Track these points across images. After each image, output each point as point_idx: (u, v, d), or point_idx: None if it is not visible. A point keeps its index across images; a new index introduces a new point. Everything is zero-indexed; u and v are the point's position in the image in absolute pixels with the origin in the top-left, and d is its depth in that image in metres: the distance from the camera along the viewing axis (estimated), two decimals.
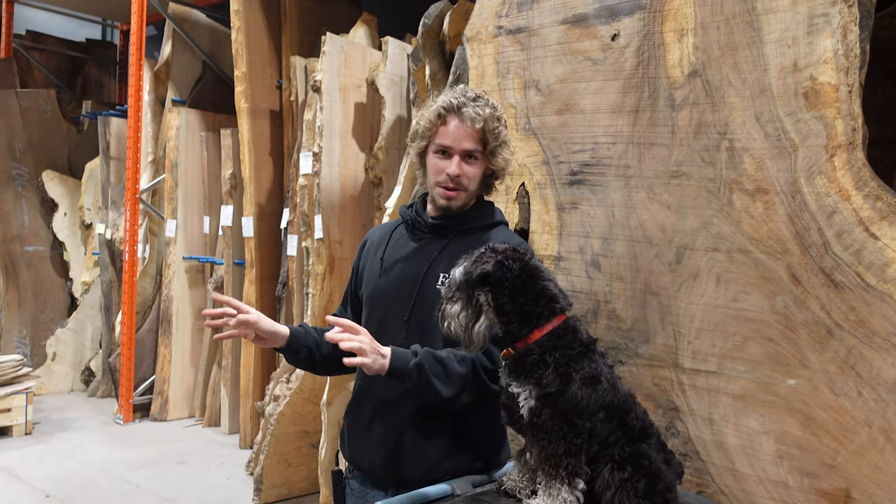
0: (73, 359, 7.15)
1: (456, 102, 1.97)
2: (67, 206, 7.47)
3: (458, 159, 1.97)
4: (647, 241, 2.22)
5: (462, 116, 1.96)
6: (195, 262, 6.23)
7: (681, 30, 2.17)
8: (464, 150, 1.97)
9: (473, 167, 1.99)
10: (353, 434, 2.05)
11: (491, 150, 1.98)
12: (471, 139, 1.96)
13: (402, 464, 1.94)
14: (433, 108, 1.99)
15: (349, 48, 4.58)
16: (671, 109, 2.18)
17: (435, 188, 2.01)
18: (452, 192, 1.98)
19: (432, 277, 1.94)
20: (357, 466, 2.05)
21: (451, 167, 1.96)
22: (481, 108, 1.96)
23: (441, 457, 1.95)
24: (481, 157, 1.99)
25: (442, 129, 1.98)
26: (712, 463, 2.06)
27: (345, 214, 4.49)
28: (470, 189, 2.01)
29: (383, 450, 1.96)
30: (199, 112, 6.30)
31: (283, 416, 4.49)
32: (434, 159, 2.01)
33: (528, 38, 2.53)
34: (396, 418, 1.96)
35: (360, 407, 2.04)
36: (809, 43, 1.93)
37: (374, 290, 2.05)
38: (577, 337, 1.69)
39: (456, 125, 1.97)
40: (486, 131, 1.96)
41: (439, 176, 1.98)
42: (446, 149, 1.98)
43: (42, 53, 8.36)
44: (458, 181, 1.97)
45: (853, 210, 1.84)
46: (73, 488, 4.56)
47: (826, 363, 1.87)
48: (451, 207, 2.01)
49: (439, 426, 1.95)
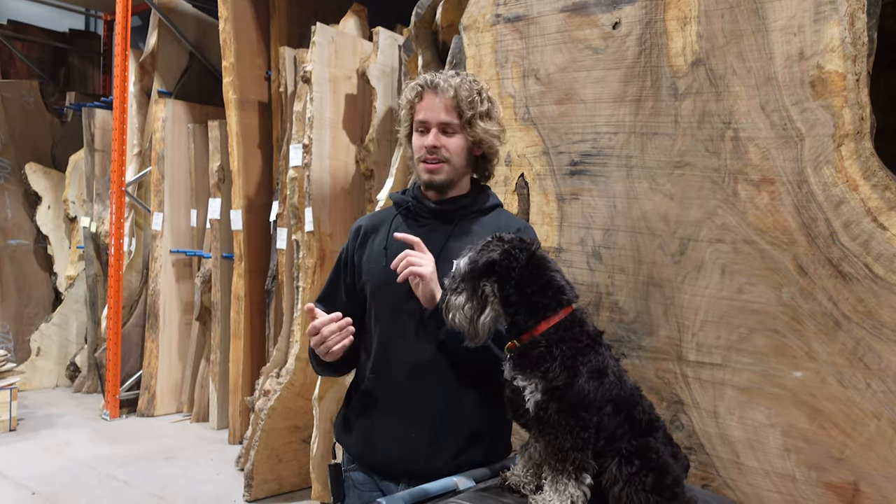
0: (58, 354, 7.05)
1: (430, 78, 1.98)
2: (51, 199, 7.36)
3: (436, 131, 1.96)
4: (649, 233, 2.19)
5: (436, 90, 1.96)
6: (182, 255, 6.15)
7: (684, 18, 2.14)
8: (440, 121, 1.95)
9: (452, 139, 1.97)
10: (363, 428, 1.99)
11: (467, 120, 1.96)
12: (445, 110, 1.95)
13: (420, 458, 1.91)
14: (410, 85, 2.01)
15: (339, 38, 4.53)
16: (674, 99, 2.15)
17: (418, 165, 2.00)
18: (433, 164, 1.96)
19: (445, 264, 1.89)
20: (367, 460, 2.00)
21: (427, 139, 1.95)
22: (454, 79, 1.96)
23: (459, 450, 1.93)
24: (459, 130, 1.97)
25: (419, 105, 1.99)
26: (717, 456, 2.04)
27: (336, 207, 4.43)
28: (453, 162, 1.98)
29: (400, 445, 1.92)
30: (185, 104, 6.22)
31: (273, 410, 4.44)
32: (415, 137, 2.01)
33: (526, 26, 2.49)
34: (414, 413, 1.93)
35: (371, 401, 1.99)
36: (816, 31, 1.90)
37: (381, 280, 1.99)
38: (583, 329, 1.65)
39: (429, 98, 1.97)
40: (459, 100, 1.94)
41: (419, 152, 1.98)
42: (423, 124, 1.97)
43: (24, 44, 8.22)
44: (436, 153, 1.95)
45: (861, 200, 1.82)
46: (60, 485, 4.49)
47: (833, 355, 1.85)
48: (434, 181, 1.98)
49: (457, 419, 1.93)
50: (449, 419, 1.93)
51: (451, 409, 1.93)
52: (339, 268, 2.14)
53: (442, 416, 1.92)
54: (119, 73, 5.97)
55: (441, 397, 1.92)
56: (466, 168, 2.03)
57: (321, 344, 1.87)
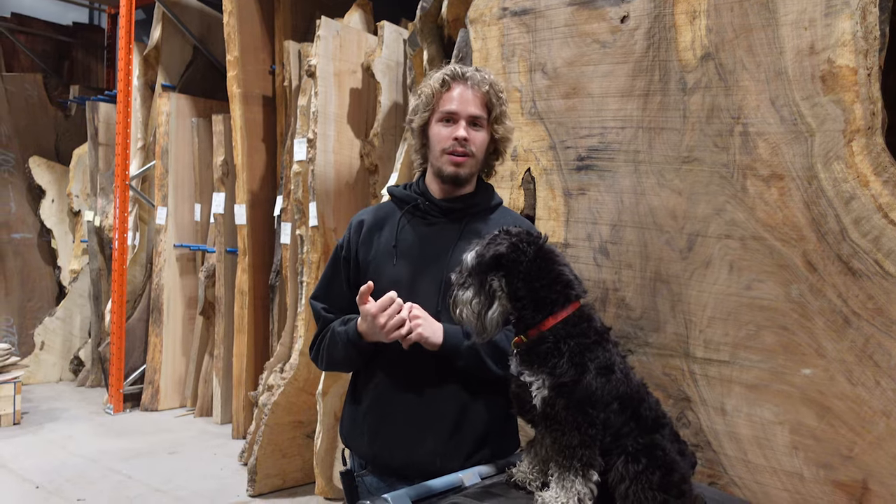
0: (62, 348, 7.05)
1: (460, 70, 1.96)
2: (55, 193, 7.36)
3: (465, 124, 1.93)
4: (657, 228, 2.17)
5: (467, 82, 1.94)
6: (186, 250, 6.15)
7: (693, 11, 2.12)
8: (470, 114, 1.93)
9: (479, 134, 1.96)
10: (376, 432, 1.96)
11: (495, 117, 1.96)
12: (476, 104, 1.94)
13: (437, 459, 1.89)
14: (436, 75, 1.97)
15: (344, 32, 4.51)
16: (683, 93, 2.13)
17: (441, 157, 1.95)
18: (461, 157, 1.93)
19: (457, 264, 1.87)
20: (380, 464, 1.97)
21: (459, 131, 1.92)
22: (485, 74, 1.96)
23: (472, 449, 1.92)
24: (486, 125, 1.96)
25: (446, 95, 1.95)
26: (725, 454, 2.03)
27: (340, 202, 4.42)
28: (477, 157, 1.97)
29: (416, 447, 1.90)
30: (189, 97, 6.21)
31: (277, 405, 4.43)
32: (438, 128, 1.96)
33: (533, 19, 2.47)
34: (427, 414, 1.91)
35: (383, 403, 1.96)
36: (827, 25, 1.88)
37: (392, 279, 1.95)
38: (591, 325, 1.64)
39: (461, 90, 1.94)
40: (490, 96, 1.94)
41: (445, 143, 1.94)
42: (452, 115, 1.94)
43: (28, 37, 8.20)
44: (465, 146, 1.93)
45: (872, 196, 1.80)
46: (63, 479, 4.49)
47: (843, 352, 1.83)
48: (459, 175, 1.95)
49: (469, 418, 1.92)
50: (462, 419, 1.91)
51: (463, 408, 1.92)
52: (338, 264, 2.09)
53: (455, 416, 1.91)
54: (123, 66, 5.96)
55: (453, 397, 1.91)
56: (482, 164, 2.02)
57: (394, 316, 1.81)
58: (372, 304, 1.82)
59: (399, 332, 1.81)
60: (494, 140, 1.99)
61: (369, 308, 1.82)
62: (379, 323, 1.80)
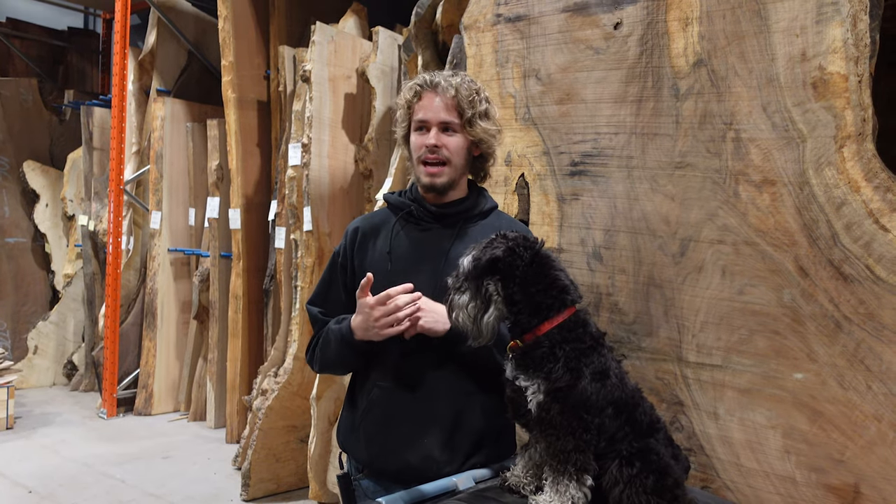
0: (56, 352, 7.03)
1: (429, 78, 1.97)
2: (49, 198, 7.34)
3: (436, 130, 1.94)
4: (650, 233, 2.18)
5: (436, 89, 1.95)
6: (180, 254, 6.14)
7: (685, 18, 2.14)
8: (440, 121, 1.94)
9: (453, 138, 1.96)
10: (373, 435, 1.96)
11: (468, 120, 1.95)
12: (446, 110, 1.94)
13: (433, 463, 1.90)
14: (408, 86, 1.99)
15: (339, 38, 4.52)
16: (675, 99, 2.15)
17: (418, 167, 1.97)
18: (434, 167, 1.95)
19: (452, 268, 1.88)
20: (378, 468, 1.98)
21: (428, 138, 1.94)
22: (453, 79, 1.96)
23: (469, 453, 1.93)
24: (460, 129, 1.96)
25: (418, 105, 1.98)
26: (717, 458, 2.04)
27: (334, 206, 4.43)
28: (454, 162, 1.97)
29: (413, 451, 1.91)
30: (184, 102, 6.21)
31: (271, 410, 4.43)
32: (414, 137, 1.99)
33: (527, 26, 2.49)
34: (424, 418, 1.92)
35: (380, 407, 1.96)
36: (818, 32, 1.90)
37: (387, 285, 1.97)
38: (587, 330, 1.65)
39: (429, 98, 1.96)
40: (459, 100, 1.94)
41: (419, 151, 1.96)
42: (423, 123, 1.96)
43: (23, 41, 8.19)
44: (438, 152, 1.94)
45: (863, 202, 1.82)
46: (57, 484, 4.48)
47: (834, 357, 1.85)
48: (435, 185, 1.96)
49: (466, 422, 1.93)
50: (458, 422, 1.92)
51: (459, 412, 1.92)
52: (335, 269, 2.10)
53: (452, 419, 1.92)
54: (118, 71, 5.95)
55: (449, 401, 1.92)
56: (465, 169, 2.02)
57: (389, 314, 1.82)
58: (370, 297, 1.84)
59: (392, 330, 1.82)
60: (476, 143, 2.00)
61: (367, 300, 1.84)
62: (374, 315, 1.82)
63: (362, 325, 1.86)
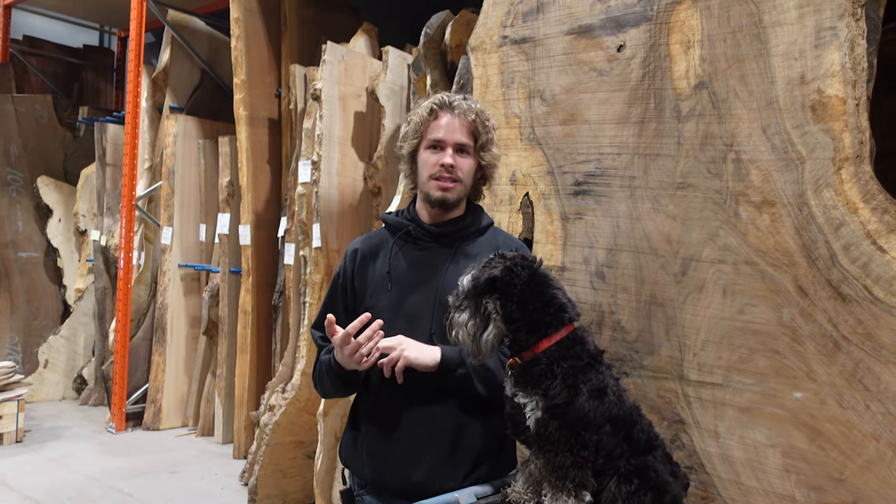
0: (66, 366, 7.08)
1: (447, 98, 2.02)
2: (62, 213, 7.42)
3: (452, 151, 1.99)
4: (652, 253, 2.21)
5: (454, 111, 2.00)
6: (191, 269, 6.19)
7: (687, 42, 2.17)
8: (456, 142, 1.99)
9: (466, 160, 2.02)
10: (375, 452, 1.99)
11: (482, 145, 2.02)
12: (462, 132, 2.00)
13: (436, 480, 1.92)
14: (424, 104, 2.03)
15: (349, 57, 4.58)
16: (677, 121, 2.18)
17: (428, 182, 2.01)
18: (448, 183, 1.99)
19: (448, 287, 1.91)
20: (380, 484, 2.00)
21: (445, 157, 1.98)
22: (472, 103, 2.02)
23: (470, 468, 1.95)
24: (472, 152, 2.03)
25: (434, 123, 2.01)
26: (718, 476, 2.05)
27: (343, 223, 4.47)
28: (465, 182, 2.03)
29: (416, 467, 1.93)
30: (196, 119, 6.28)
31: (278, 425, 4.45)
32: (427, 154, 2.02)
33: (533, 48, 2.53)
34: (426, 434, 1.94)
35: (382, 424, 1.99)
36: (817, 56, 1.93)
37: (387, 305, 2.01)
38: (584, 348, 1.68)
39: (448, 119, 2.00)
40: (476, 124, 2.00)
41: (433, 169, 2.00)
42: (439, 142, 2.00)
43: (39, 59, 8.32)
44: (452, 172, 1.98)
45: (861, 223, 1.84)
46: (65, 497, 4.50)
47: (833, 376, 1.86)
48: (447, 200, 2.00)
49: (467, 438, 1.95)
50: (459, 439, 1.94)
51: (460, 429, 1.95)
52: (336, 292, 2.14)
53: (452, 436, 1.94)
54: (132, 88, 6.04)
55: (451, 417, 1.94)
56: (469, 189, 2.07)
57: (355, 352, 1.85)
58: (338, 335, 1.87)
59: (367, 363, 1.86)
60: (482, 167, 2.06)
61: (335, 339, 1.88)
62: (344, 353, 1.87)
63: (343, 360, 1.91)
